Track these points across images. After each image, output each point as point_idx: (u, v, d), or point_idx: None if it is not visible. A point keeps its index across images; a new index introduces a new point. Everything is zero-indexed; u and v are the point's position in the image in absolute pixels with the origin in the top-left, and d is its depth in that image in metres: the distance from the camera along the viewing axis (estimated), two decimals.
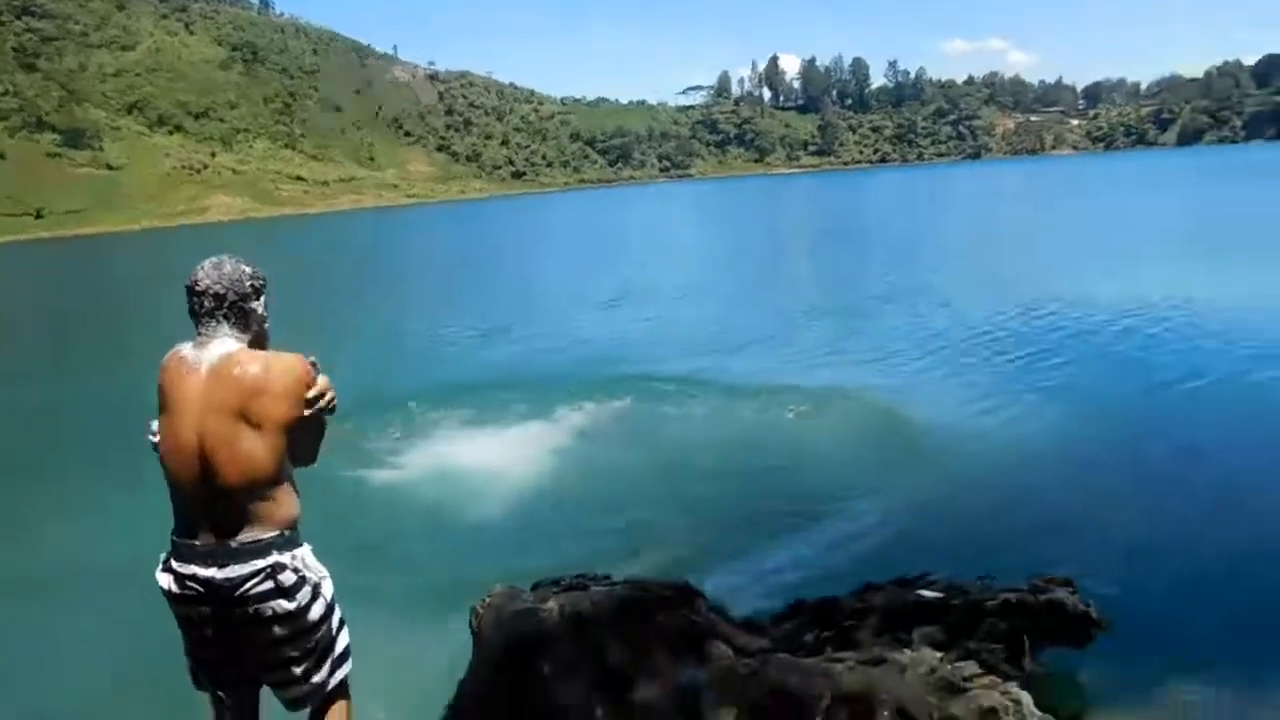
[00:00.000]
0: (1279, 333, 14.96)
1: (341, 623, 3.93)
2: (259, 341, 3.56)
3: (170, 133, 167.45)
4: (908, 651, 4.10)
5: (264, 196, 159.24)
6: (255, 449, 3.31)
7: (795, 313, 20.72)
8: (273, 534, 3.48)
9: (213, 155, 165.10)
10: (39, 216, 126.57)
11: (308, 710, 3.84)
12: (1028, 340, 15.75)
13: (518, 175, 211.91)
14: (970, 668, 3.78)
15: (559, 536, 8.10)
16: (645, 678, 4.02)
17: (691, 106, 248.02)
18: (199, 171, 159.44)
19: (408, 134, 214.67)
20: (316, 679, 3.74)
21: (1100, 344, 15.08)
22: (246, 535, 3.43)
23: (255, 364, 3.39)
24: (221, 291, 3.46)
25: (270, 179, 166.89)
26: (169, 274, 53.77)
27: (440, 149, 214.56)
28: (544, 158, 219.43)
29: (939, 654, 4.03)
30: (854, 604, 5.26)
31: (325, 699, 3.78)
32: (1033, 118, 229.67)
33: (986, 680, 3.67)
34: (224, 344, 3.45)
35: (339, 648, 3.86)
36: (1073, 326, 16.50)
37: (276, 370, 3.42)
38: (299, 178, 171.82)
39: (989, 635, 4.88)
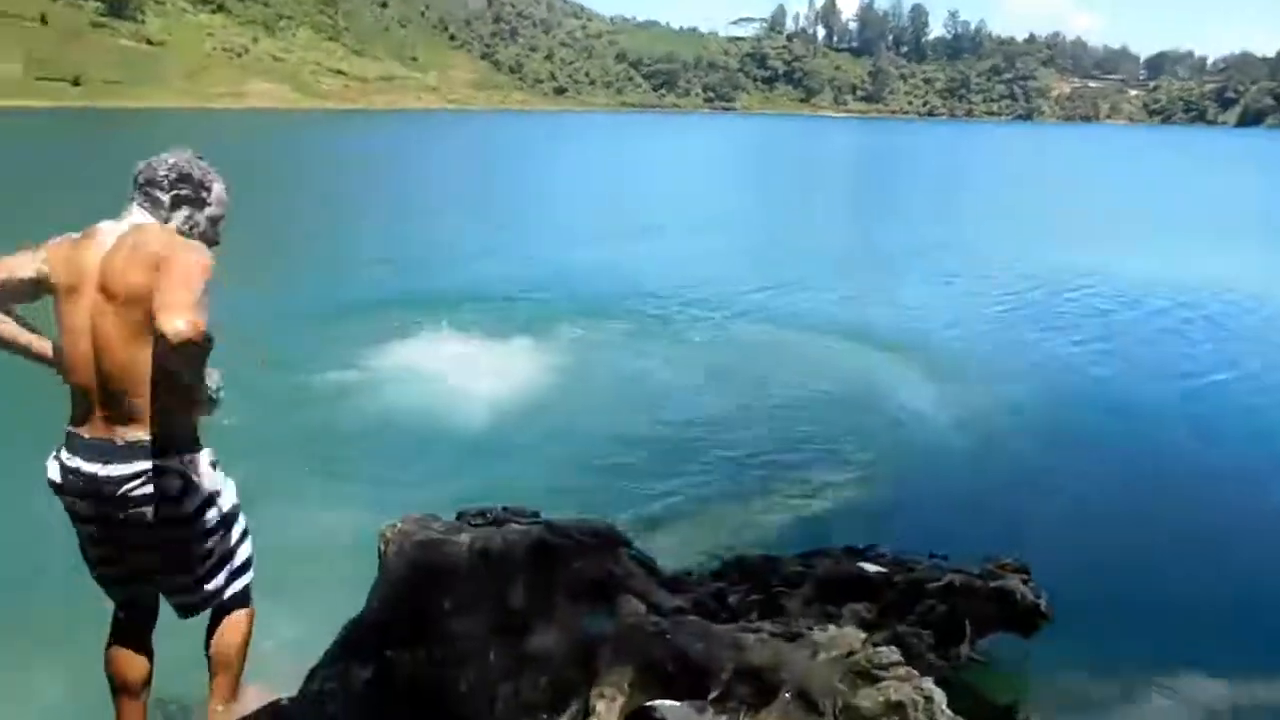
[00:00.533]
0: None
1: (244, 534, 3.74)
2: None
3: (214, 11, 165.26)
4: (831, 628, 3.83)
5: (304, 87, 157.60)
6: (150, 339, 3.02)
7: (815, 257, 20.27)
8: (162, 434, 3.26)
9: (254, 40, 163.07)
10: (76, 84, 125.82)
11: (207, 615, 3.71)
12: (1049, 312, 15.31)
13: (560, 91, 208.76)
14: (891, 655, 3.51)
15: (510, 463, 7.87)
16: (546, 625, 3.79)
17: (742, 38, 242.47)
18: (240, 55, 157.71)
19: (452, 38, 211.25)
20: (209, 587, 3.60)
21: (1120, 325, 14.61)
22: (133, 433, 3.21)
23: (159, 240, 3.14)
24: (139, 176, 3.32)
25: (311, 70, 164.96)
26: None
27: (484, 56, 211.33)
28: (587, 75, 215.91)
29: (863, 635, 3.76)
30: (794, 568, 5.00)
31: (222, 607, 3.62)
32: (1091, 84, 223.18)
33: (902, 671, 3.41)
34: (136, 217, 3.26)
35: (238, 559, 3.69)
36: (1095, 303, 16.01)
37: (180, 248, 3.14)
38: (340, 71, 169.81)
39: (925, 618, 4.62)
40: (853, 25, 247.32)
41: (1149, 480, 8.37)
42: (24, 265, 3.14)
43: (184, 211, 3.36)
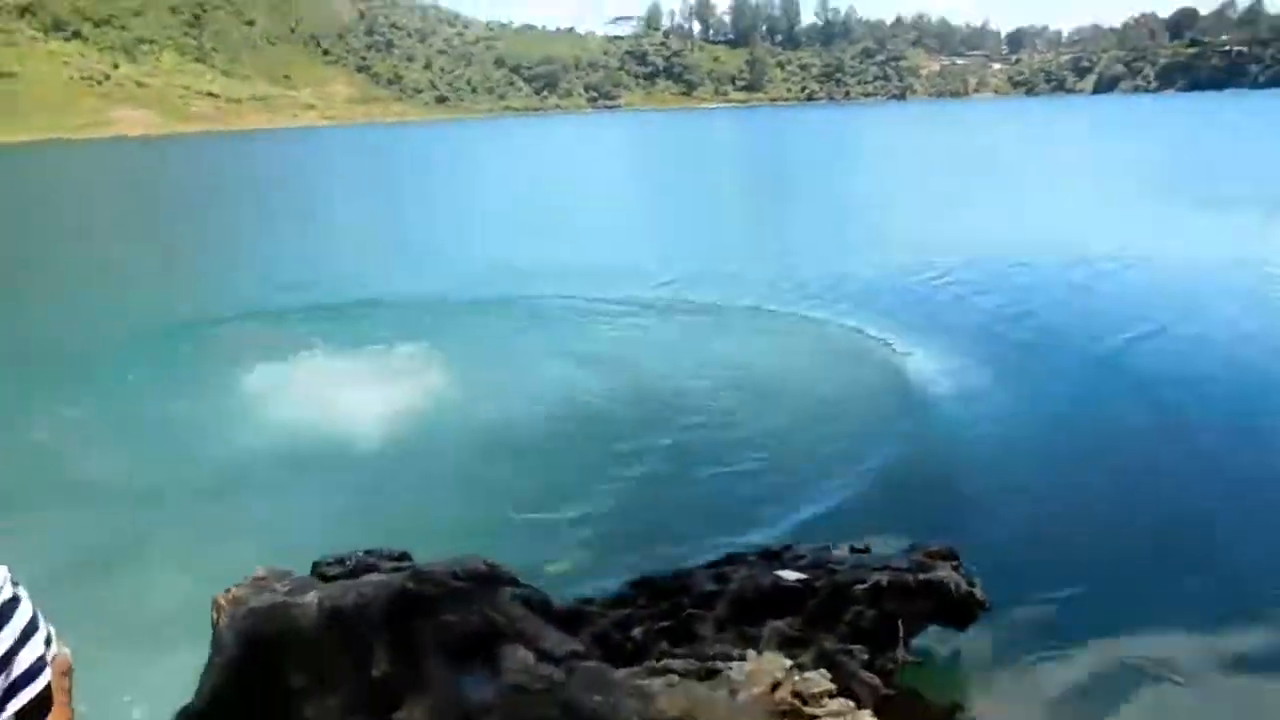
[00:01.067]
0: (1196, 292, 14.58)
1: (24, 636, 2.93)
2: None
3: (68, 39, 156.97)
4: (751, 654, 3.28)
5: (173, 112, 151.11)
6: None
7: (707, 248, 19.83)
8: None
9: (115, 66, 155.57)
10: None
11: None
12: (968, 289, 15.08)
13: (441, 100, 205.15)
14: (820, 682, 2.99)
15: (384, 492, 7.10)
16: (416, 695, 3.13)
17: (620, 37, 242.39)
18: (101, 83, 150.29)
19: (326, 53, 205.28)
20: None
21: (1045, 299, 14.44)
22: None
23: None
24: None
25: (179, 94, 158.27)
26: (68, 187, 50.65)
27: (361, 70, 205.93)
28: (468, 83, 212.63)
29: (787, 662, 3.22)
30: (707, 585, 4.44)
31: None
32: (958, 60, 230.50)
33: (835, 705, 2.88)
34: None
35: (17, 669, 2.86)
36: (1010, 277, 15.89)
37: None
38: (210, 94, 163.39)
39: (855, 626, 4.12)
40: (726, 18, 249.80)
41: (1087, 446, 8.14)
42: None
43: None
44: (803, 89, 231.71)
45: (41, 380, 10.16)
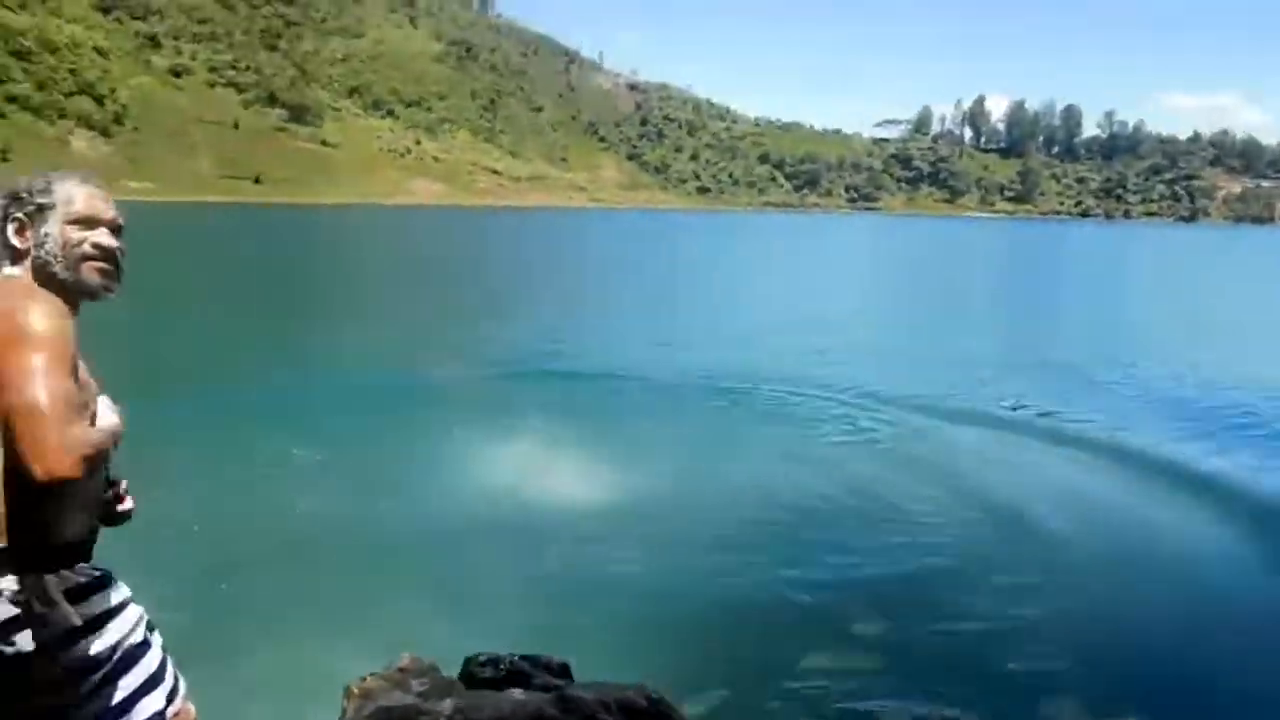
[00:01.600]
0: None
1: (143, 687, 2.39)
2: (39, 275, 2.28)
3: (383, 117, 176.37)
4: None
5: (461, 184, 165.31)
6: None
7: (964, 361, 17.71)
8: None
9: (418, 142, 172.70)
10: (257, 182, 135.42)
11: None
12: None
13: (703, 191, 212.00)
14: None
15: (560, 590, 6.28)
16: None
17: (886, 140, 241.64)
18: (404, 155, 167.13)
19: (602, 139, 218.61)
20: None
21: None
22: None
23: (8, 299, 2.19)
24: None
25: (468, 169, 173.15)
26: (362, 246, 55.86)
27: (631, 157, 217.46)
28: (731, 176, 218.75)
29: None
30: None
31: None
32: (1264, 183, 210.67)
33: None
34: None
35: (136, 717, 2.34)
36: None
37: (18, 335, 2.09)
38: (495, 171, 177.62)
39: None
40: (1000, 125, 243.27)
41: None
42: None
43: (24, 237, 2.21)
44: (1077, 204, 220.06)
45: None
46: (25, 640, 2.01)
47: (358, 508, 7.76)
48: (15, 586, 1.99)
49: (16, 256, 2.18)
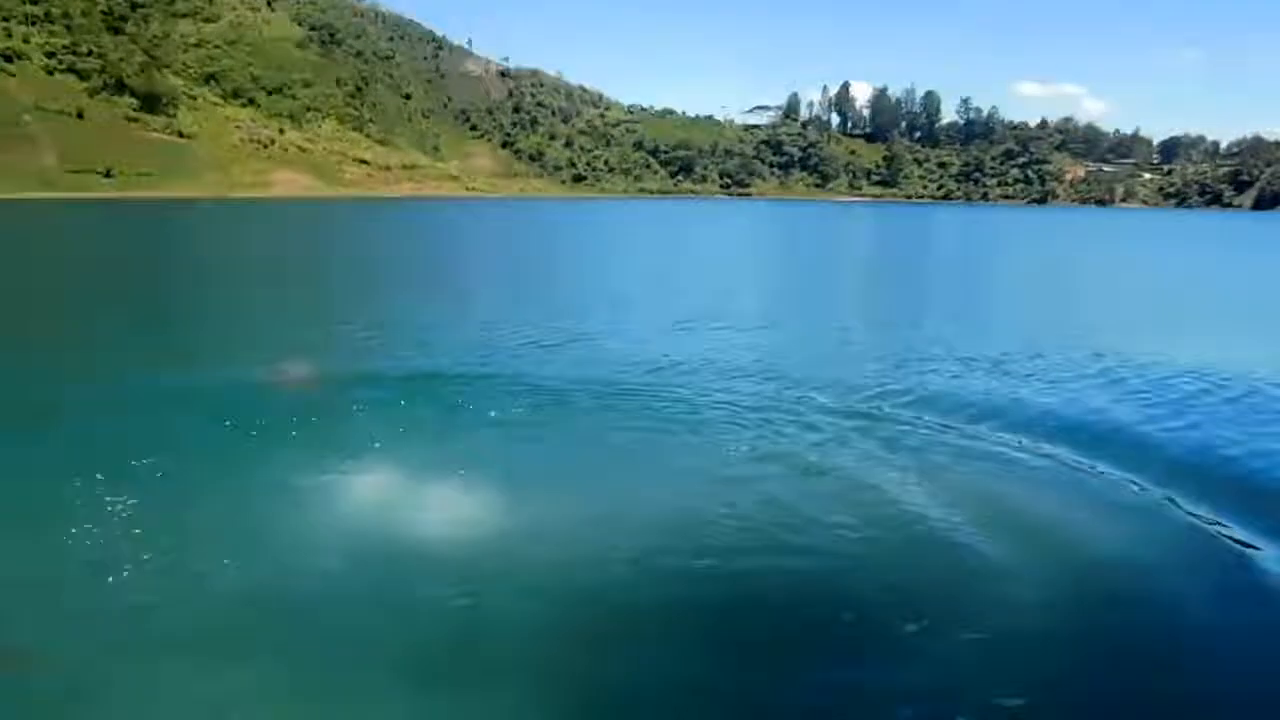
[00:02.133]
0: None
1: None
2: None
3: (243, 105, 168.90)
4: None
5: (328, 176, 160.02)
6: None
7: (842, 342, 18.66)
8: None
9: (281, 131, 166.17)
10: (108, 175, 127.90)
11: None
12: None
13: (578, 179, 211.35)
14: None
15: (440, 674, 5.83)
16: None
17: (758, 126, 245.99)
18: (267, 146, 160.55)
19: (474, 128, 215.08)
20: None
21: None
22: None
23: None
24: None
25: (336, 160, 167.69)
26: (219, 241, 53.40)
27: (505, 145, 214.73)
28: (606, 163, 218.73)
29: None
30: None
31: None
32: (1105, 168, 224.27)
33: None
34: None
35: None
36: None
37: None
38: (363, 161, 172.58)
39: None
40: (866, 112, 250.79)
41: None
42: None
43: None
44: (939, 187, 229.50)
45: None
46: None
47: (189, 563, 6.72)
48: None
49: None
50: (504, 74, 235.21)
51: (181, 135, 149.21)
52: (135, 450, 9.25)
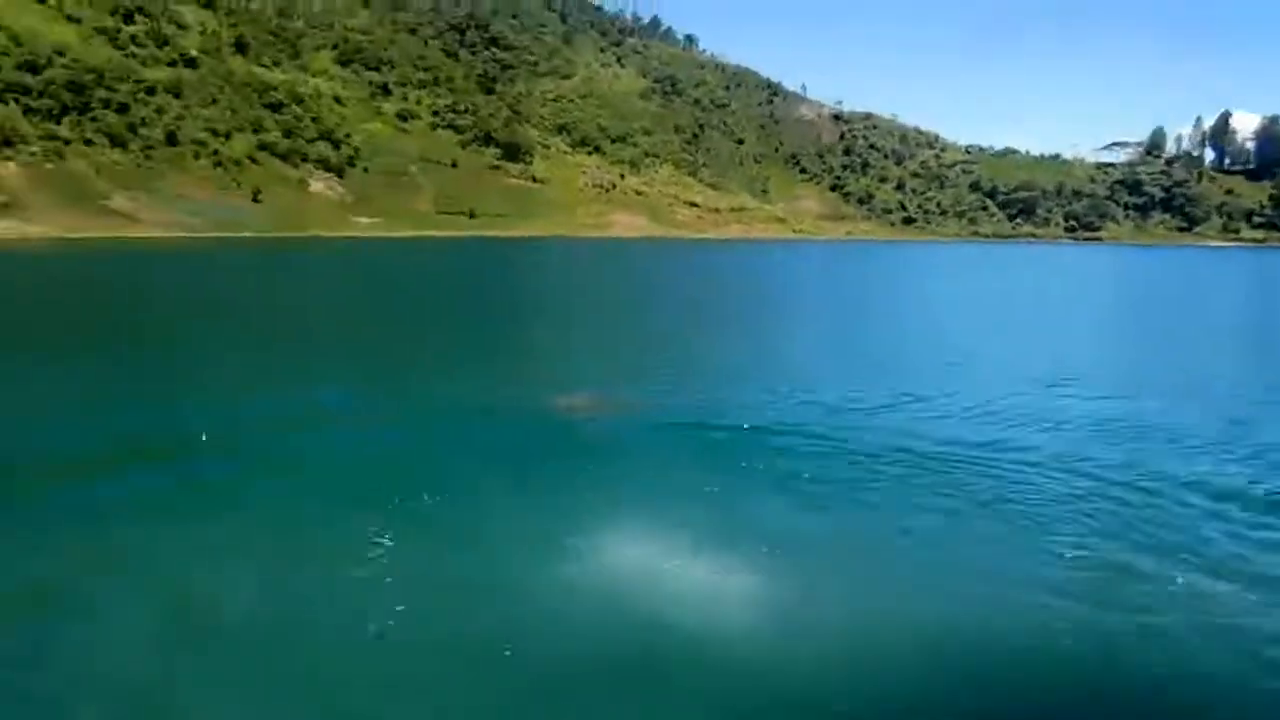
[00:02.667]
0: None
1: None
2: None
3: (589, 153, 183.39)
4: None
5: (662, 217, 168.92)
6: None
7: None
8: None
9: (621, 176, 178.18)
10: (472, 216, 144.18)
11: None
12: None
13: (908, 221, 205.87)
14: None
15: None
16: None
17: (1112, 165, 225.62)
18: (608, 190, 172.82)
19: (803, 170, 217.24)
20: None
21: None
22: None
23: None
24: None
25: (669, 203, 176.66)
26: (561, 272, 58.24)
27: (834, 188, 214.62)
28: (939, 205, 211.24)
29: None
30: None
31: None
32: None
33: None
34: None
35: None
36: None
37: None
38: (694, 204, 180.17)
39: None
40: (1250, 145, 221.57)
41: None
42: None
43: None
44: None
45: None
46: None
47: (442, 616, 6.68)
48: None
49: None
50: (837, 117, 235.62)
51: (535, 180, 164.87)
52: (410, 481, 9.66)
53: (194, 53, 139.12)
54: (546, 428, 12.38)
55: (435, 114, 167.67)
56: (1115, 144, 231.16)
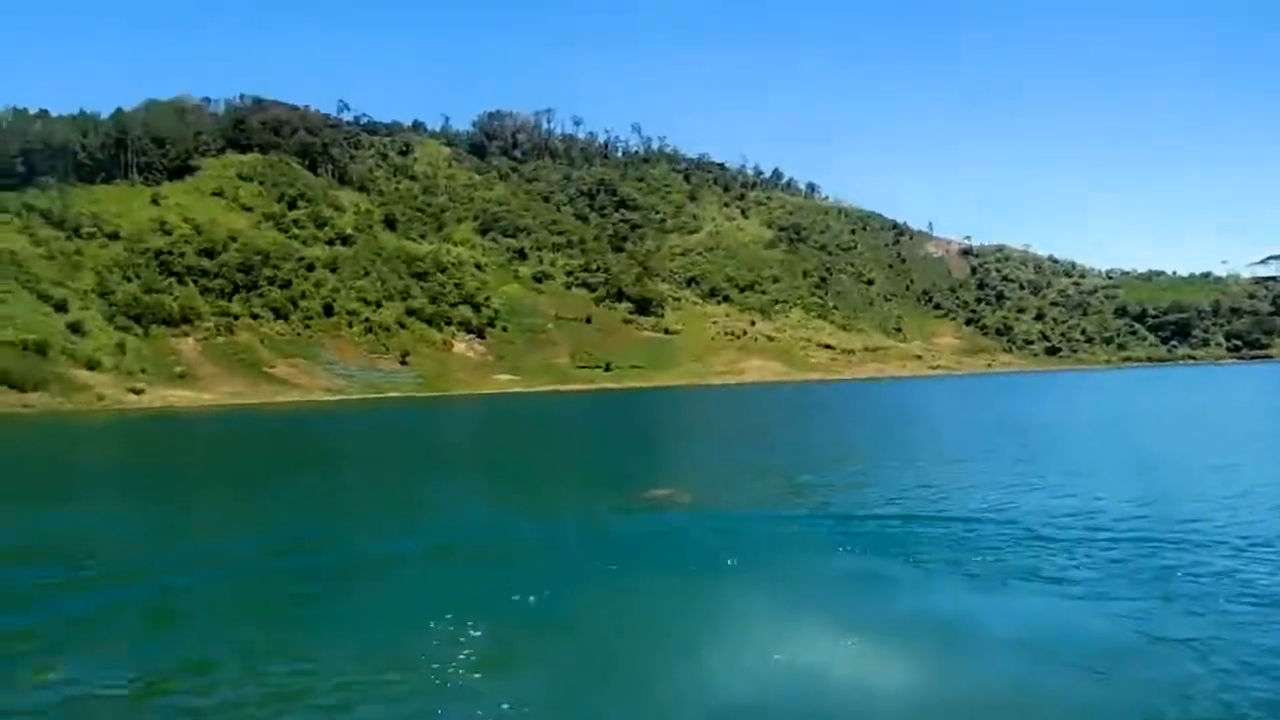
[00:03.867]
0: None
1: None
2: None
3: (718, 303, 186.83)
4: None
5: (794, 361, 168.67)
6: None
7: None
8: None
9: (752, 323, 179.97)
10: (607, 369, 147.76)
11: None
12: None
13: (1052, 351, 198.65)
14: None
15: None
16: None
17: (1273, 278, 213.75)
18: (739, 337, 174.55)
19: (936, 306, 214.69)
20: None
21: None
22: None
23: None
24: None
25: (801, 346, 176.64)
26: (691, 415, 58.77)
27: (970, 322, 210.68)
28: (1083, 333, 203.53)
29: None
30: None
31: None
32: None
33: None
34: None
35: None
36: None
37: None
38: (827, 345, 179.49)
39: None
40: None
41: None
42: None
43: None
44: None
45: None
46: None
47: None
48: None
49: None
50: (966, 252, 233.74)
51: (667, 332, 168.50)
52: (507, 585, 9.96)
53: (349, 231, 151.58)
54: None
55: (569, 274, 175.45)
56: (1271, 257, 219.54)
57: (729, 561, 10.01)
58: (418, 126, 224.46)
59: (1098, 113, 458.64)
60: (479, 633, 7.84)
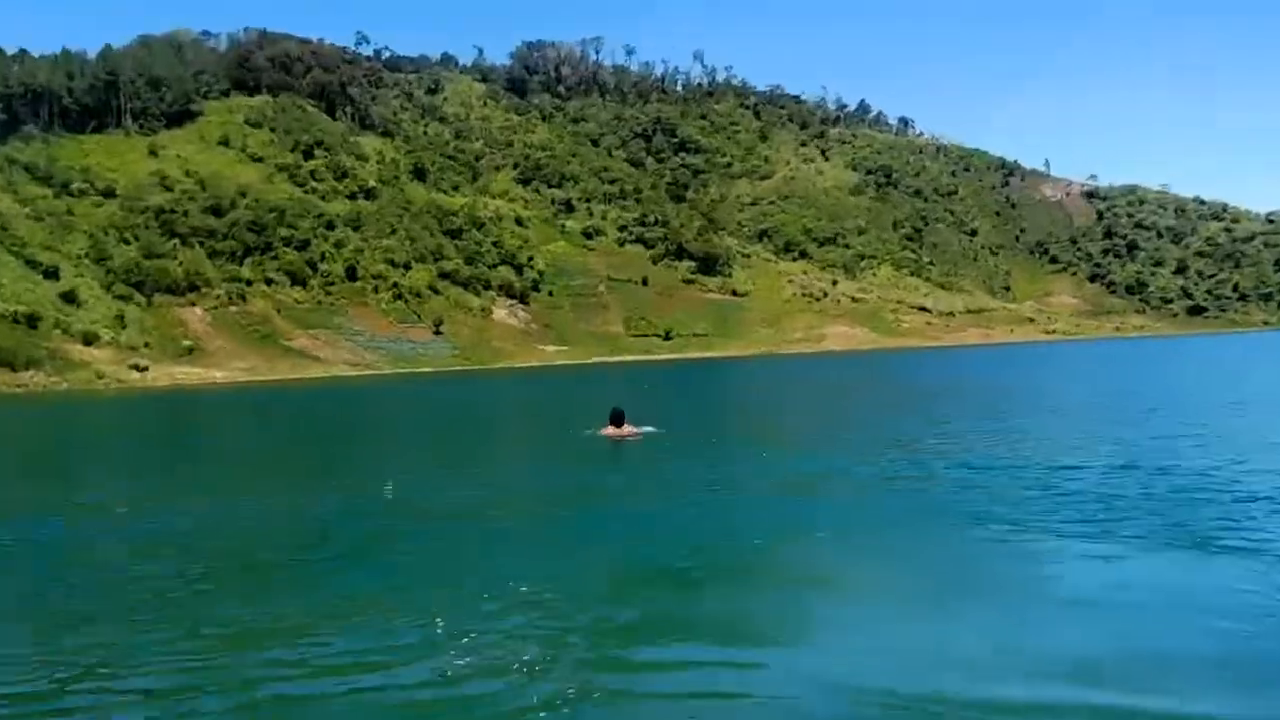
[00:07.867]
0: None
1: None
2: None
3: (795, 259, 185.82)
4: None
5: (883, 327, 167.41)
6: None
7: None
8: None
9: (834, 283, 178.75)
10: (666, 338, 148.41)
11: None
12: None
13: (1195, 311, 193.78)
14: None
15: None
16: None
17: None
18: (819, 299, 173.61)
19: (1053, 260, 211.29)
20: None
21: None
22: None
23: None
24: None
25: (891, 308, 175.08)
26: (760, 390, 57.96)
27: (1094, 278, 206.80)
28: (1235, 288, 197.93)
29: None
30: None
31: None
32: None
33: None
34: None
35: None
36: None
37: None
38: (922, 308, 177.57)
39: None
40: None
41: None
42: None
43: None
44: None
45: None
46: None
47: None
48: None
49: None
50: (1090, 195, 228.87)
51: (735, 294, 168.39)
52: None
53: (372, 183, 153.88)
54: None
55: (622, 229, 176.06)
56: None
57: None
58: (447, 61, 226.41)
59: (1258, 29, 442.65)
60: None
